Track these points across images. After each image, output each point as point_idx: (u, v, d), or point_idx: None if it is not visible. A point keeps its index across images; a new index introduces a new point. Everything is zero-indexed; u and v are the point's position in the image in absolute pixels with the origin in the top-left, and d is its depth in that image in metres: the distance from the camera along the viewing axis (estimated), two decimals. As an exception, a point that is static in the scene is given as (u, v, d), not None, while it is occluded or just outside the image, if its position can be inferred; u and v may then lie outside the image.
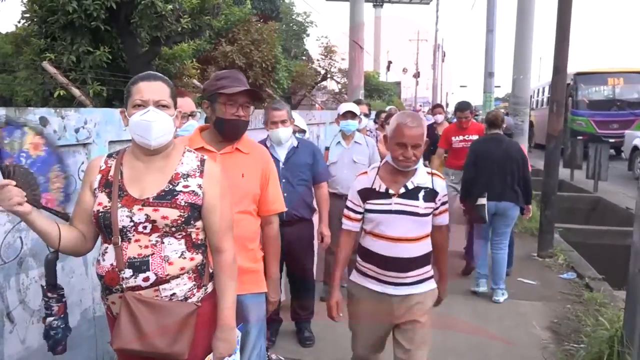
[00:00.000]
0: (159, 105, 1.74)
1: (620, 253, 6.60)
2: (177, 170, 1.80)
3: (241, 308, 2.27)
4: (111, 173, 1.78)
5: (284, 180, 3.39)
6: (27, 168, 1.71)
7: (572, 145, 11.92)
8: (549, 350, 3.77)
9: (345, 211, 2.50)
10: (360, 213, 2.45)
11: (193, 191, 1.77)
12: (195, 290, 1.79)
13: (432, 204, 2.37)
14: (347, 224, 2.50)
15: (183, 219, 1.73)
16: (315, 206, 3.75)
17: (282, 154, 3.47)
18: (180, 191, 1.75)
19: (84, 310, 2.89)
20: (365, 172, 2.47)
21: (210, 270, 1.88)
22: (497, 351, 3.73)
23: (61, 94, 5.45)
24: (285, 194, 3.35)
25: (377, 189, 2.38)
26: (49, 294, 1.81)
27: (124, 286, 1.70)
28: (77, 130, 2.82)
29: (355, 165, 4.30)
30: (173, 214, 1.71)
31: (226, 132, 2.30)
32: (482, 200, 4.46)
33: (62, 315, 1.83)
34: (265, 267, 2.48)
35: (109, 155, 1.87)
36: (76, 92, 3.93)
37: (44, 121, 2.58)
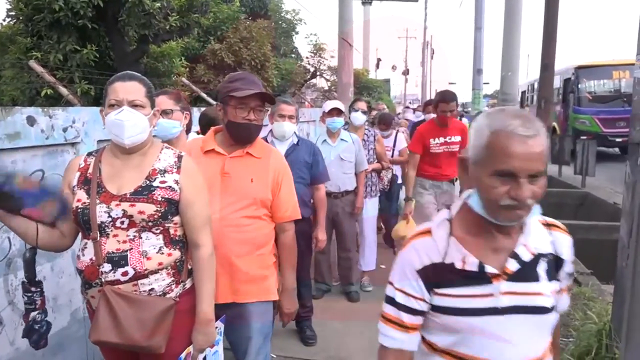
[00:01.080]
0: (133, 105, 1.77)
1: (608, 248, 6.68)
2: (154, 166, 1.83)
3: (246, 316, 2.25)
4: (90, 171, 1.83)
5: None
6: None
7: (560, 141, 12.03)
8: (538, 345, 3.80)
9: (387, 309, 1.32)
10: (421, 313, 1.29)
11: (170, 187, 1.80)
12: (173, 286, 1.83)
13: (556, 284, 1.28)
14: (393, 337, 1.31)
15: (160, 214, 1.76)
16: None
17: (281, 150, 3.46)
18: (157, 187, 1.79)
19: (74, 311, 2.87)
20: (426, 231, 1.29)
21: (190, 267, 1.91)
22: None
23: (48, 92, 5.42)
24: None
25: (457, 266, 1.23)
26: (32, 289, 1.85)
27: (103, 280, 1.74)
28: (65, 130, 2.80)
29: (342, 163, 4.30)
30: (149, 208, 1.75)
31: (237, 136, 2.26)
32: None
33: (44, 309, 1.87)
34: (281, 276, 2.40)
35: (89, 154, 1.91)
36: (64, 90, 3.89)
37: (31, 120, 2.56)
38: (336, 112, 4.33)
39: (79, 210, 1.77)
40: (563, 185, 10.94)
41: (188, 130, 2.95)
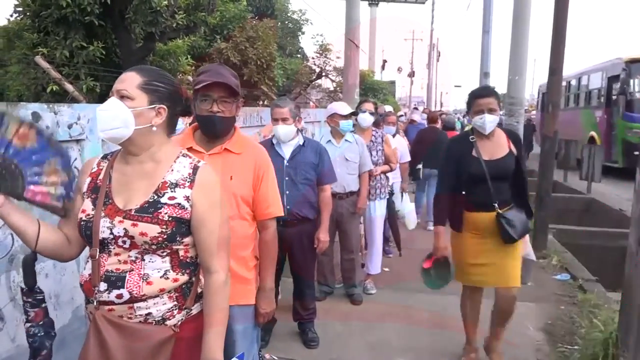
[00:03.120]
0: (120, 95, 1.57)
1: (612, 254, 6.64)
2: (166, 178, 1.63)
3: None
4: (100, 177, 1.66)
5: (287, 178, 3.39)
6: (2, 155, 1.56)
7: (565, 146, 11.97)
8: (542, 352, 3.77)
9: None
10: None
11: (179, 204, 1.60)
12: (175, 312, 1.63)
13: None
14: None
15: (165, 236, 1.56)
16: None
17: (287, 152, 3.48)
18: (165, 204, 1.58)
19: (75, 309, 2.86)
20: None
21: (200, 290, 1.70)
22: (491, 352, 3.72)
23: (54, 89, 5.41)
24: (287, 192, 3.36)
25: None
26: (24, 298, 1.68)
27: (96, 300, 1.58)
28: (70, 126, 2.79)
29: (347, 163, 4.30)
30: (153, 230, 1.55)
31: (203, 129, 2.21)
32: None
33: (40, 322, 1.69)
34: (260, 275, 2.34)
35: (104, 157, 1.74)
36: (69, 87, 3.89)
37: (36, 116, 2.55)
38: (349, 115, 4.36)
39: (82, 222, 1.61)
40: (568, 191, 10.90)
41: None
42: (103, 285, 1.57)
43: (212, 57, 9.64)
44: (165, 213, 1.57)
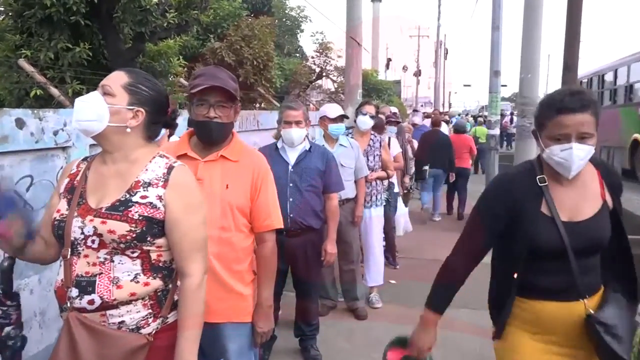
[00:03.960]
0: (103, 91, 1.68)
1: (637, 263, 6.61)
2: (139, 177, 1.70)
3: (220, 338, 2.20)
4: (78, 178, 1.75)
5: (291, 185, 3.41)
6: None
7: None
8: None
9: None
10: None
11: (151, 203, 1.66)
12: (150, 320, 1.68)
13: None
14: None
15: (134, 235, 1.62)
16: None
17: (292, 157, 3.50)
18: (136, 202, 1.65)
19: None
20: None
21: (176, 298, 1.75)
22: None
23: (38, 93, 5.42)
24: (291, 199, 3.38)
25: None
26: (8, 302, 1.76)
27: (69, 306, 1.64)
28: (55, 133, 2.81)
29: (342, 169, 4.27)
30: (121, 228, 1.61)
31: (199, 135, 2.23)
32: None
33: (20, 323, 1.79)
34: (257, 291, 2.34)
35: (85, 159, 1.84)
36: (55, 91, 3.92)
37: (20, 123, 2.57)
38: (340, 118, 4.35)
39: (55, 222, 1.69)
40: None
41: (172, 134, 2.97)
42: (75, 291, 1.63)
43: (205, 58, 9.68)
44: (136, 212, 1.64)
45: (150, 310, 1.68)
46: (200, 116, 2.15)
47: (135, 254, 1.66)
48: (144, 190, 1.68)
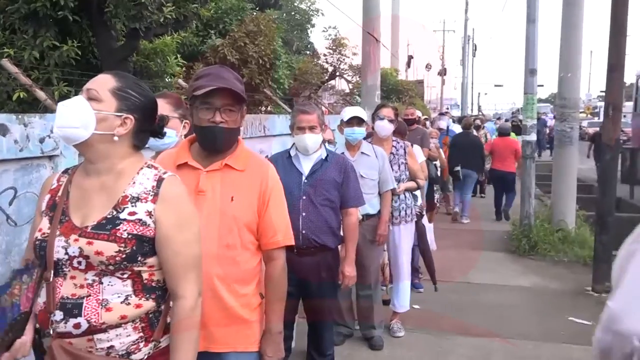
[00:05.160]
0: (88, 96, 1.70)
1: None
2: (127, 191, 1.72)
3: None
4: (60, 193, 1.77)
5: (304, 197, 3.39)
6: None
7: (631, 157, 11.86)
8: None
9: None
10: None
11: (140, 220, 1.68)
12: (141, 345, 1.70)
13: None
14: None
15: (124, 256, 1.64)
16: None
17: (306, 166, 3.48)
18: (124, 219, 1.67)
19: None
20: None
21: (169, 320, 1.77)
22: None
23: (21, 96, 5.51)
24: (303, 214, 3.36)
25: None
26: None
27: (53, 331, 1.65)
28: (42, 140, 2.85)
29: (363, 181, 4.20)
30: (109, 249, 1.62)
31: (203, 142, 2.23)
32: None
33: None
34: (265, 316, 2.32)
35: (65, 171, 1.86)
36: (41, 94, 3.97)
37: (3, 129, 2.61)
38: (356, 121, 4.33)
39: (37, 242, 1.71)
40: (635, 210, 10.77)
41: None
42: (59, 315, 1.64)
43: (205, 56, 9.76)
44: (125, 230, 1.65)
45: (141, 334, 1.69)
46: (205, 121, 2.15)
47: (126, 275, 1.67)
48: (132, 206, 1.69)
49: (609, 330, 1.23)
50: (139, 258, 1.68)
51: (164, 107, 2.60)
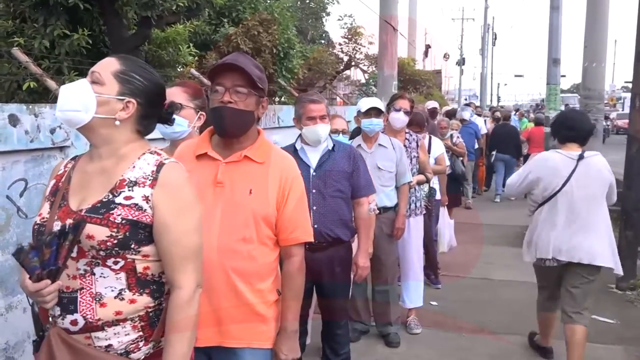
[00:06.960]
0: (91, 79, 1.70)
1: None
2: (125, 175, 1.71)
3: None
4: (63, 179, 1.78)
5: (314, 191, 3.38)
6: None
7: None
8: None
9: None
10: None
11: (136, 204, 1.66)
12: (141, 344, 1.69)
13: None
14: None
15: (115, 242, 1.62)
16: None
17: (314, 158, 3.46)
18: (119, 204, 1.65)
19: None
20: None
21: None
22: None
23: (31, 85, 5.52)
24: (314, 208, 3.33)
25: None
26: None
27: (52, 326, 1.68)
28: (52, 131, 2.86)
29: (380, 173, 4.24)
30: (101, 233, 1.61)
31: (213, 125, 2.23)
32: None
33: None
34: (282, 313, 2.31)
35: (73, 158, 1.87)
36: (51, 84, 3.98)
37: (14, 120, 2.62)
38: (374, 112, 4.31)
39: (36, 226, 1.72)
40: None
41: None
42: (57, 310, 1.65)
43: (218, 45, 9.75)
44: (119, 215, 1.64)
45: (140, 333, 1.69)
46: (215, 102, 2.16)
47: (118, 266, 1.65)
48: (129, 190, 1.68)
49: None
50: (132, 245, 1.66)
51: (179, 95, 2.59)
